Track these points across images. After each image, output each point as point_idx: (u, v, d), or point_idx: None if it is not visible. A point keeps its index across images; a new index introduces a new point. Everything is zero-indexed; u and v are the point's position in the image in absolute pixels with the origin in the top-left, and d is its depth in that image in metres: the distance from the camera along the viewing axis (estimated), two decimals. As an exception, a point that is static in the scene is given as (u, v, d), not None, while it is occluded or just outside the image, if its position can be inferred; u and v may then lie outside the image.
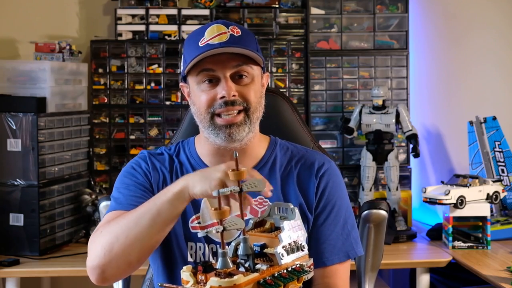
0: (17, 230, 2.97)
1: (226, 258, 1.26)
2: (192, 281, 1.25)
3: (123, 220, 1.55)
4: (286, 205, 1.38)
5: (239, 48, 1.64)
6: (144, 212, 1.52)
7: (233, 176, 1.31)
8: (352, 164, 3.51)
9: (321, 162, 1.77)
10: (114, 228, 1.55)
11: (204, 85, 1.67)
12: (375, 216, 2.06)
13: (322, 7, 3.54)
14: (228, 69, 1.65)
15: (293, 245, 1.31)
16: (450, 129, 3.69)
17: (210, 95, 1.66)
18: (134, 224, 1.52)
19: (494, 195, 3.09)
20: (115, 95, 3.47)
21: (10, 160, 2.97)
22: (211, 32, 1.65)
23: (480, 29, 3.69)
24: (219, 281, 1.19)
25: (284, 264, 1.29)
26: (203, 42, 1.64)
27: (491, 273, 2.65)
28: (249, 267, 1.26)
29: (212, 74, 1.65)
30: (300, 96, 3.52)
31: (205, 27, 1.68)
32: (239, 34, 1.66)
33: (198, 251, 1.70)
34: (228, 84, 1.64)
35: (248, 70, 1.68)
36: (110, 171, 3.45)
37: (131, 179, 1.73)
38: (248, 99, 1.67)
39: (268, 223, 1.39)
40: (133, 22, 3.48)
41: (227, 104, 1.64)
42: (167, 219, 1.52)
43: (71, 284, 3.59)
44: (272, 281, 1.25)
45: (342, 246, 1.71)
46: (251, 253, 1.27)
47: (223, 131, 1.66)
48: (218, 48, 1.62)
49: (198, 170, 1.53)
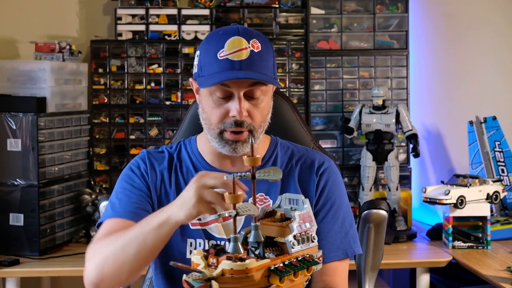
0: (17, 230, 2.97)
1: (238, 244, 1.26)
2: (203, 264, 1.25)
3: (114, 242, 1.56)
4: (297, 197, 1.38)
5: (257, 73, 1.63)
6: (131, 240, 1.53)
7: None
8: (352, 164, 3.51)
9: (321, 160, 1.79)
10: (105, 249, 1.57)
11: (216, 98, 1.66)
12: (375, 216, 2.06)
13: (322, 7, 3.54)
14: (243, 88, 1.64)
15: (303, 236, 1.32)
16: (450, 129, 3.69)
17: (221, 110, 1.66)
18: (122, 250, 1.54)
19: (494, 195, 3.10)
20: (115, 95, 3.47)
21: (10, 160, 2.97)
22: (231, 46, 1.63)
23: (480, 29, 3.69)
24: (231, 264, 1.20)
25: (295, 253, 1.30)
26: (222, 54, 1.63)
27: (491, 273, 2.65)
28: (259, 254, 1.26)
29: (226, 89, 1.65)
30: (300, 96, 3.52)
31: (225, 35, 1.65)
32: (259, 49, 1.65)
33: (198, 247, 1.71)
34: (241, 104, 1.64)
35: (262, 88, 1.67)
36: (110, 171, 3.44)
37: (129, 183, 1.74)
38: (255, 120, 1.67)
39: (278, 213, 1.39)
40: (133, 22, 3.48)
41: (237, 124, 1.65)
42: (154, 247, 1.53)
43: (71, 284, 3.59)
44: (283, 268, 1.26)
45: (340, 244, 1.72)
46: (261, 241, 1.27)
47: (229, 145, 1.67)
48: (237, 71, 1.61)
49: (176, 198, 1.53)
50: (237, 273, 1.20)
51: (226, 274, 1.20)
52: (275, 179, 1.35)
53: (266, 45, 1.68)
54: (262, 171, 1.34)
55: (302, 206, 1.36)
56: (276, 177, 1.35)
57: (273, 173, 1.34)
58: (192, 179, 1.49)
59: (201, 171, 1.52)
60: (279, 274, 1.24)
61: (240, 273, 1.20)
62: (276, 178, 1.35)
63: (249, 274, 1.20)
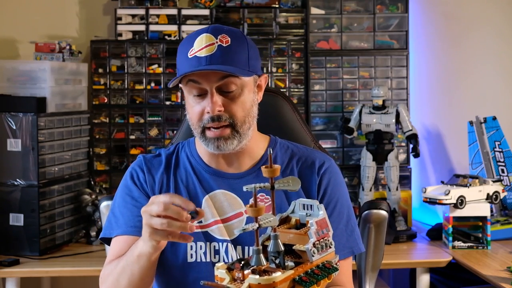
0: (17, 230, 2.97)
1: (260, 256, 1.25)
2: (228, 278, 1.25)
3: (114, 270, 1.64)
4: (312, 202, 1.37)
5: (222, 65, 1.62)
6: (123, 270, 1.61)
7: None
8: (352, 164, 3.51)
9: (322, 160, 1.79)
10: (109, 277, 1.65)
11: (192, 98, 1.68)
12: (376, 216, 2.06)
13: (322, 7, 3.54)
14: (214, 82, 1.64)
15: (322, 242, 1.32)
16: (450, 129, 3.69)
17: (198, 109, 1.67)
18: (117, 281, 1.62)
19: (494, 195, 3.10)
20: (115, 95, 3.47)
21: (10, 160, 2.97)
22: (199, 43, 1.64)
23: (480, 29, 3.69)
24: (259, 279, 1.20)
25: (315, 261, 1.30)
26: (191, 53, 1.65)
27: (491, 273, 2.65)
28: (279, 264, 1.26)
29: (198, 86, 1.65)
30: (300, 96, 3.52)
31: (195, 35, 1.67)
32: (228, 43, 1.64)
33: (198, 250, 1.70)
34: (213, 99, 1.64)
35: (236, 81, 1.66)
36: (110, 171, 3.44)
37: (129, 195, 1.75)
38: (234, 114, 1.66)
39: (293, 219, 1.39)
40: (133, 22, 3.48)
41: (213, 120, 1.65)
42: (141, 276, 1.60)
43: (71, 284, 3.59)
44: (307, 279, 1.26)
45: (346, 242, 1.72)
46: (281, 250, 1.27)
47: (212, 143, 1.67)
48: (204, 66, 1.62)
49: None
50: (264, 287, 1.20)
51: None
52: (294, 189, 1.33)
53: (238, 39, 1.67)
54: (281, 181, 1.33)
55: (318, 212, 1.35)
56: (295, 188, 1.33)
57: (292, 183, 1.33)
58: (143, 212, 1.50)
59: (151, 197, 1.52)
60: (304, 285, 1.25)
61: (268, 287, 1.20)
62: (295, 189, 1.33)
63: (276, 287, 1.21)
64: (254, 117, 1.72)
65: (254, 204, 1.27)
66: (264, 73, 1.79)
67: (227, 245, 1.70)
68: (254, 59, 1.70)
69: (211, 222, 1.71)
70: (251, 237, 1.68)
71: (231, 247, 1.69)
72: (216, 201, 1.73)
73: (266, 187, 1.32)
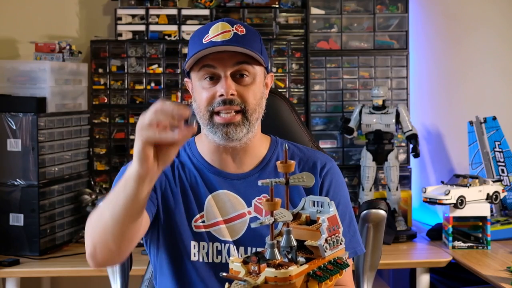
0: (17, 230, 2.97)
1: (275, 250, 1.27)
2: (244, 271, 1.26)
3: (96, 212, 1.54)
4: (322, 199, 1.38)
5: (240, 47, 1.64)
6: (106, 205, 1.47)
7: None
8: (352, 164, 3.51)
9: (324, 161, 1.79)
10: (91, 221, 1.55)
11: (205, 82, 1.68)
12: (374, 216, 2.06)
13: (322, 7, 3.54)
14: (229, 67, 1.65)
15: (333, 238, 1.33)
16: (450, 129, 3.69)
17: (210, 92, 1.67)
18: (100, 217, 1.50)
19: (494, 195, 3.09)
20: (115, 95, 3.47)
21: (10, 160, 2.97)
22: (215, 30, 1.66)
23: (480, 29, 3.69)
24: (276, 272, 1.21)
25: (327, 257, 1.31)
26: (206, 39, 1.65)
27: (491, 273, 2.65)
28: (292, 258, 1.27)
29: (213, 71, 1.66)
30: (300, 96, 3.52)
31: (210, 24, 1.69)
32: (243, 33, 1.67)
33: (201, 250, 1.71)
34: (227, 82, 1.65)
35: (249, 69, 1.68)
36: (110, 171, 3.44)
37: None
38: (246, 100, 1.67)
39: (303, 216, 1.40)
40: (133, 22, 3.49)
41: (225, 103, 1.65)
42: (127, 207, 1.44)
43: (71, 284, 3.59)
44: (321, 273, 1.27)
45: (349, 243, 1.72)
46: (294, 245, 1.28)
47: (221, 130, 1.66)
48: (220, 46, 1.63)
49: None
50: (280, 280, 1.21)
51: (269, 282, 1.22)
52: (308, 185, 1.34)
53: (252, 32, 1.70)
54: (295, 177, 1.34)
55: (328, 209, 1.36)
56: (309, 183, 1.34)
57: (306, 179, 1.34)
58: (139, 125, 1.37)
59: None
60: (319, 279, 1.26)
61: (284, 281, 1.22)
62: (309, 184, 1.34)
63: (292, 281, 1.22)
64: (262, 110, 1.73)
65: (271, 198, 1.28)
66: (271, 72, 1.80)
67: (230, 245, 1.70)
68: (265, 54, 1.73)
69: (214, 222, 1.71)
70: (253, 237, 1.69)
71: (233, 248, 1.70)
72: (219, 201, 1.73)
73: (281, 182, 1.33)
